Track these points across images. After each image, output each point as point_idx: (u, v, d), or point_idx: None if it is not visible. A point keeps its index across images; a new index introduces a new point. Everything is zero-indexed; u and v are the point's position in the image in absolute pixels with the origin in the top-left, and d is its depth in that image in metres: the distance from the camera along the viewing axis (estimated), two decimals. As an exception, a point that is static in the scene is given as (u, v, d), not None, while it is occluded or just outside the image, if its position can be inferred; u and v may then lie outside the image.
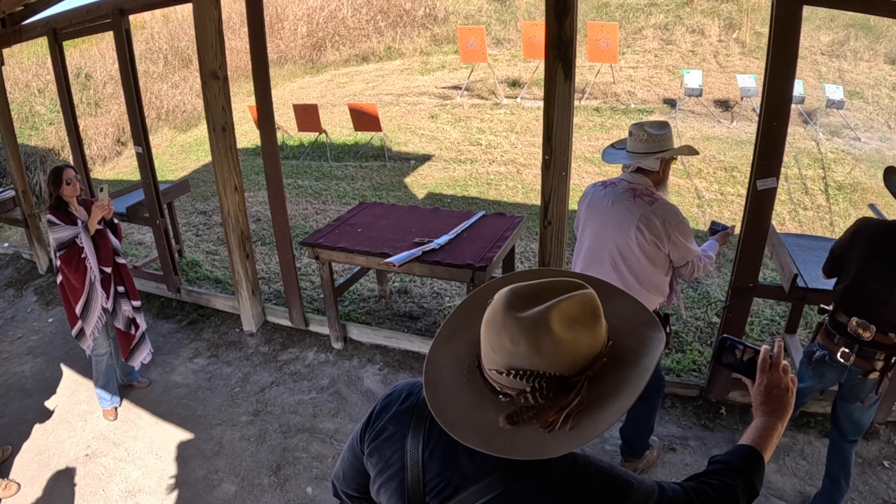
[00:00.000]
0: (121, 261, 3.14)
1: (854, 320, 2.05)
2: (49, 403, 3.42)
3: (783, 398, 1.04)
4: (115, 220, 3.13)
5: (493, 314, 0.84)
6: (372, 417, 1.02)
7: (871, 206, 2.42)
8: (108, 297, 3.07)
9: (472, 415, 0.84)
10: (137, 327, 3.27)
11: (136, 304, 3.24)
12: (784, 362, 1.05)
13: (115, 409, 3.30)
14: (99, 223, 2.94)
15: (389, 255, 3.12)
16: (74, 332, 3.10)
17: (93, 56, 10.55)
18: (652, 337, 0.89)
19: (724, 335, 1.14)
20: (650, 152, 2.17)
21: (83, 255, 2.93)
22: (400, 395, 1.01)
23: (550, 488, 0.85)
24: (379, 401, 1.03)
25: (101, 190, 2.91)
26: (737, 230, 2.72)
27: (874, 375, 2.07)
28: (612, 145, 2.38)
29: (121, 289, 3.16)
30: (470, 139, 7.97)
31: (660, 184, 2.25)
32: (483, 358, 0.87)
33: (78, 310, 3.04)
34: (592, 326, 0.83)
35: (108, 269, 3.05)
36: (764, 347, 1.07)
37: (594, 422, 0.81)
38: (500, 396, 0.84)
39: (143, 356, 3.35)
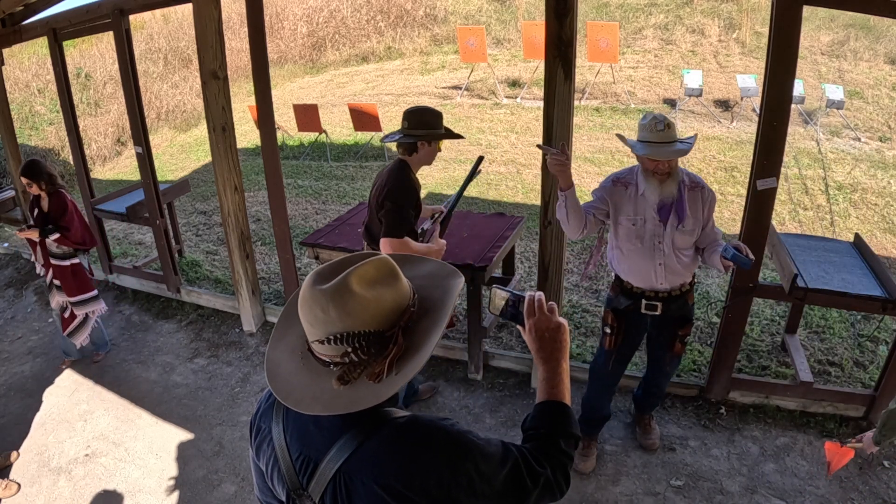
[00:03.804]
0: (56, 262, 3.42)
1: None
2: (49, 403, 3.43)
3: (556, 338, 1.09)
4: (54, 234, 3.34)
5: (302, 294, 0.94)
6: (252, 424, 1.11)
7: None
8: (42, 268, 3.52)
9: (312, 389, 0.93)
10: (74, 316, 3.55)
11: (73, 299, 3.49)
12: (551, 303, 1.11)
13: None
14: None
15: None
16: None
17: (93, 56, 10.55)
18: (452, 284, 1.03)
19: (494, 285, 1.18)
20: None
21: None
22: (266, 396, 1.10)
23: (393, 445, 0.93)
24: (255, 408, 1.13)
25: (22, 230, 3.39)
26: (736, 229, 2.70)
27: None
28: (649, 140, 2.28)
29: (57, 283, 3.49)
30: (470, 139, 7.96)
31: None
32: (308, 337, 0.95)
33: None
34: (392, 284, 0.94)
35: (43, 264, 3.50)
36: (528, 293, 1.12)
37: (413, 361, 0.92)
38: (332, 367, 0.93)
39: (81, 338, 3.61)
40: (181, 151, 9.23)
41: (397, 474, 0.91)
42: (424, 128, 2.45)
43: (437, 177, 7.10)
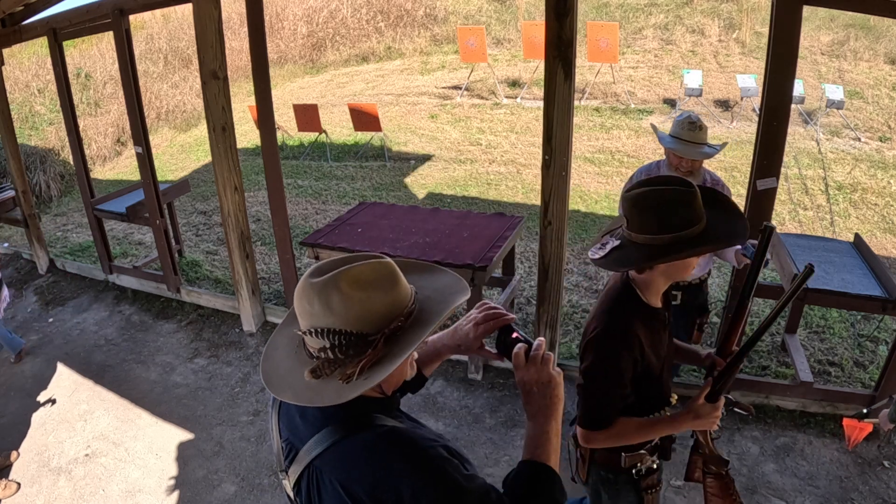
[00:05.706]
0: None
1: None
2: (49, 403, 3.43)
3: (546, 393, 1.00)
4: None
5: (298, 285, 0.95)
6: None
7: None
8: None
9: (290, 376, 0.95)
10: None
11: None
12: (548, 354, 1.01)
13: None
14: None
15: (390, 255, 3.11)
16: None
17: (93, 56, 10.54)
18: (454, 299, 0.98)
19: (509, 323, 1.10)
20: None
21: None
22: None
23: (366, 452, 0.93)
24: None
25: None
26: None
27: None
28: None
29: None
30: (470, 139, 7.97)
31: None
32: (300, 326, 0.97)
33: None
34: (387, 289, 0.92)
35: None
36: (521, 345, 1.04)
37: (382, 369, 0.89)
38: (314, 359, 0.94)
39: None
40: (181, 151, 9.23)
41: (361, 480, 0.91)
42: (663, 230, 1.38)
43: (436, 177, 7.11)
